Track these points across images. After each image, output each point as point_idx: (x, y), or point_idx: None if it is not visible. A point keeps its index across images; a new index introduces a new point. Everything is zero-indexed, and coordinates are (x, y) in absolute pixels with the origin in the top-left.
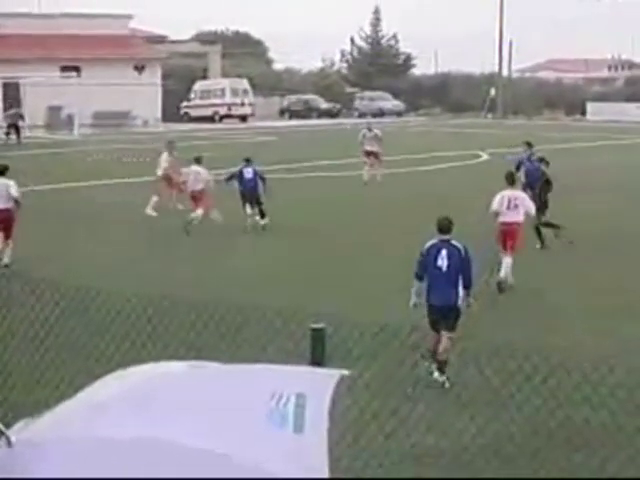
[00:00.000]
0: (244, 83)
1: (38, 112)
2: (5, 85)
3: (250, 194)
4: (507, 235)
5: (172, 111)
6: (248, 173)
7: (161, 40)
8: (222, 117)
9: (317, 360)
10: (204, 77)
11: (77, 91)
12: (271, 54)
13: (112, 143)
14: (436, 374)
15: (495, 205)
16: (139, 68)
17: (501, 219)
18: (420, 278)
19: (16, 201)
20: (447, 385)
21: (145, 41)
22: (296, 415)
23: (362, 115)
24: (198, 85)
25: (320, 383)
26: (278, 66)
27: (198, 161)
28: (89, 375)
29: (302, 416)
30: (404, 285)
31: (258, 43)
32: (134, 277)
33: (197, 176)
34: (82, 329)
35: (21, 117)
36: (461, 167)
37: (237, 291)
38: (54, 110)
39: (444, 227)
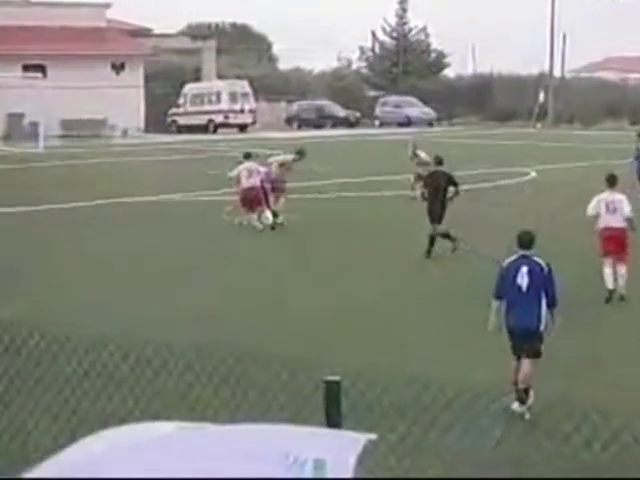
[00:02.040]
0: (244, 86)
1: None
2: None
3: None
4: (610, 241)
5: (157, 119)
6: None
7: (144, 34)
8: (217, 126)
9: (332, 419)
10: (196, 79)
11: (43, 95)
12: (276, 51)
13: (83, 158)
14: (515, 405)
15: (590, 210)
16: (117, 67)
17: (602, 224)
18: (499, 298)
19: None
20: (527, 417)
21: (125, 35)
22: None
23: (384, 124)
24: (189, 88)
25: (342, 448)
26: (284, 65)
27: (248, 157)
28: (57, 438)
29: None
30: (439, 325)
31: (260, 38)
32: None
33: (250, 172)
34: (49, 381)
35: None
36: (506, 187)
37: (234, 331)
38: (14, 118)
39: (525, 241)
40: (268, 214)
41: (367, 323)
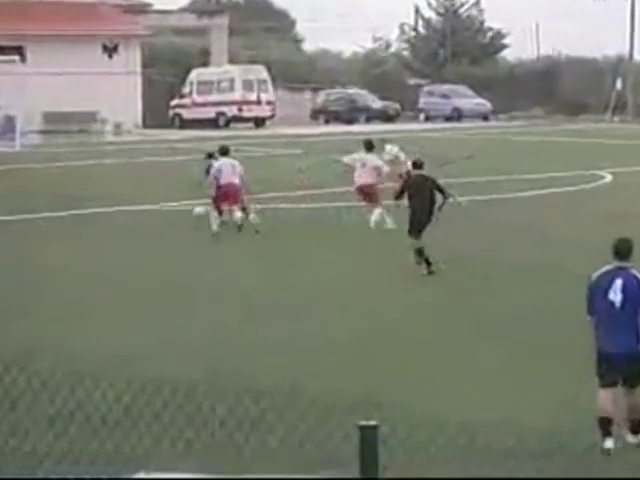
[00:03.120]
0: (261, 72)
1: None
2: None
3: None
4: None
5: (157, 112)
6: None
7: (142, 10)
8: (229, 120)
9: (368, 471)
10: (203, 63)
11: (20, 83)
12: (300, 30)
13: (68, 158)
14: (629, 437)
15: None
16: (110, 49)
17: None
18: (592, 314)
19: None
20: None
21: (119, 11)
22: None
23: (430, 118)
24: (195, 75)
25: None
26: (309, 47)
27: (369, 147)
28: None
29: None
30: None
31: (281, 14)
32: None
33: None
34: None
35: None
36: (578, 192)
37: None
38: None
39: (622, 250)
40: (239, 213)
41: (400, 350)
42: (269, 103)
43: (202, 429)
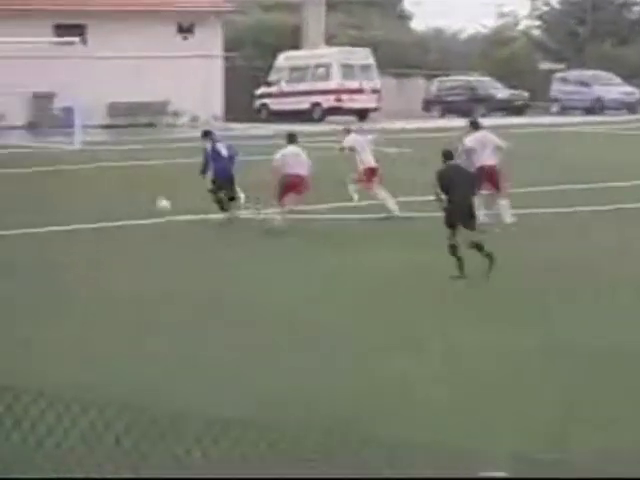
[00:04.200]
0: (365, 55)
1: (14, 104)
2: None
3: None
4: None
5: (241, 102)
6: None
7: None
8: (326, 112)
9: None
10: (295, 46)
11: (81, 68)
12: (408, 5)
13: (134, 157)
14: None
15: None
16: (185, 29)
17: None
18: None
19: None
20: None
21: None
22: None
23: (565, 110)
24: (285, 59)
25: None
26: (420, 26)
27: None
28: None
29: None
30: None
31: None
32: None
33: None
34: None
35: None
36: None
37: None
38: (42, 100)
39: None
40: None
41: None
42: (374, 92)
43: None
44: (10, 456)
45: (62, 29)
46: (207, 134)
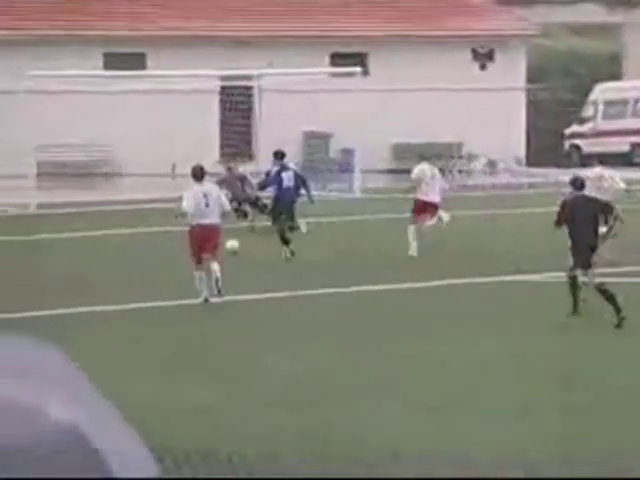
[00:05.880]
0: None
1: (271, 141)
2: (223, 89)
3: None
4: None
5: (546, 143)
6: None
7: (526, 0)
8: None
9: None
10: (614, 76)
11: (360, 102)
12: None
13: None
14: None
15: None
16: (483, 56)
17: None
18: None
19: None
20: None
21: (493, 2)
22: None
23: None
24: (600, 91)
25: None
26: None
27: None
28: None
29: None
30: None
31: None
32: None
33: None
34: None
35: (242, 181)
36: None
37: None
38: (316, 140)
39: None
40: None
41: None
42: None
43: None
44: None
45: (340, 59)
46: (281, 156)
